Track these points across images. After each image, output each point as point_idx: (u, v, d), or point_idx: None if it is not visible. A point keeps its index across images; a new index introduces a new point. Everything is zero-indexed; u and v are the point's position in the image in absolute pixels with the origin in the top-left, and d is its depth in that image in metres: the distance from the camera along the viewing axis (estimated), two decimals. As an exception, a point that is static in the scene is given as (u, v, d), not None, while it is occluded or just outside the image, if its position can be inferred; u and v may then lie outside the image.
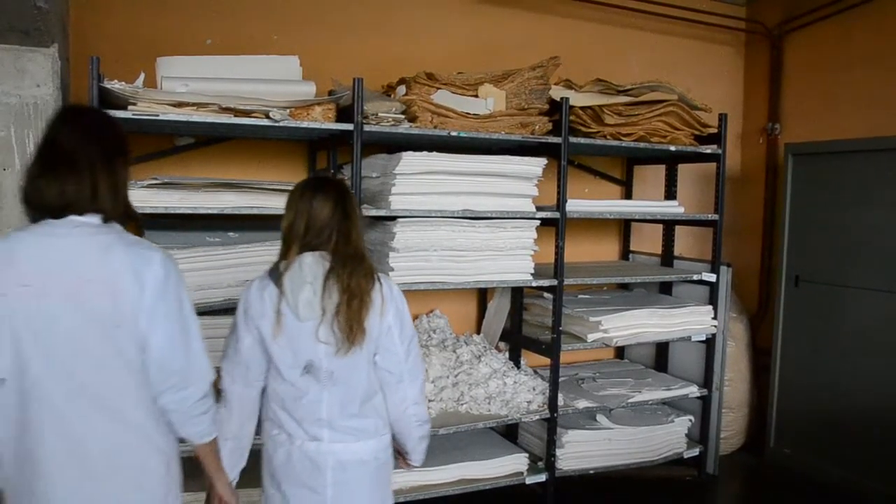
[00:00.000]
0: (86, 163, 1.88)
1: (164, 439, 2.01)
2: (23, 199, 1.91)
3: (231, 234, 3.63)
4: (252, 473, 2.52)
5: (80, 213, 1.90)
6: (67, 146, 1.88)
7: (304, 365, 2.29)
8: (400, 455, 2.62)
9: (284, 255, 2.31)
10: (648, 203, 4.82)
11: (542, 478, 4.27)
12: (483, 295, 4.92)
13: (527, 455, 4.27)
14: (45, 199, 1.88)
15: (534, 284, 4.17)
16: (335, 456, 2.32)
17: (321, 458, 2.31)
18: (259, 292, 2.30)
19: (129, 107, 3.18)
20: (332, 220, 2.28)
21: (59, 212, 1.88)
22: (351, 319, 2.24)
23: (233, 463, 2.40)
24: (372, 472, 2.39)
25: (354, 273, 2.26)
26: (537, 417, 4.25)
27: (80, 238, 1.88)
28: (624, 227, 5.43)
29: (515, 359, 4.57)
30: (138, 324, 1.88)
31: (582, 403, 4.36)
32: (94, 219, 1.91)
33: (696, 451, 4.80)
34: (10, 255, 1.88)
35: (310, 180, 2.43)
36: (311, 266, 2.26)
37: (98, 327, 1.86)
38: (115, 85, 3.12)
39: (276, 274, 2.29)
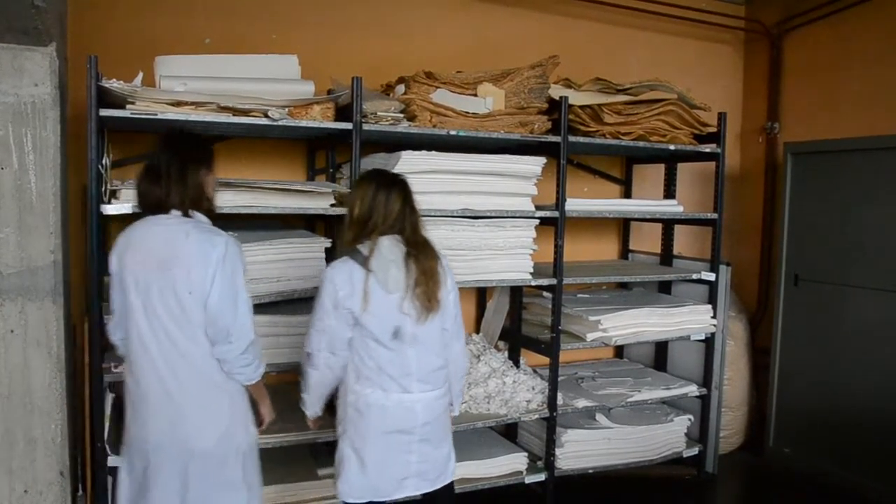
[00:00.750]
0: (165, 174, 2.56)
1: (223, 380, 2.61)
2: (137, 200, 2.66)
3: (231, 233, 3.62)
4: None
5: (168, 210, 2.59)
6: (155, 162, 2.61)
7: (392, 330, 2.74)
8: None
9: (360, 239, 2.76)
10: (648, 202, 4.81)
11: (542, 477, 4.27)
12: (482, 294, 4.91)
13: (526, 454, 4.27)
14: (144, 200, 2.62)
15: (533, 284, 4.16)
16: (423, 402, 2.81)
17: (412, 405, 2.79)
18: (347, 275, 2.73)
19: (128, 106, 3.18)
20: (402, 212, 2.77)
21: (154, 209, 2.60)
22: (429, 294, 2.74)
23: (318, 401, 2.97)
24: (444, 413, 2.94)
25: (428, 257, 2.78)
26: (536, 417, 4.25)
27: (169, 227, 2.57)
28: (623, 226, 5.42)
29: (515, 358, 4.56)
30: (204, 290, 2.49)
31: (581, 403, 4.36)
32: (177, 213, 2.59)
33: (695, 451, 4.80)
34: (128, 239, 2.62)
35: (380, 177, 2.85)
36: (390, 248, 2.73)
37: (178, 292, 2.50)
38: (113, 84, 3.11)
39: (360, 257, 2.73)
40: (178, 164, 2.59)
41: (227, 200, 3.36)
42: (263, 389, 2.83)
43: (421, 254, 2.76)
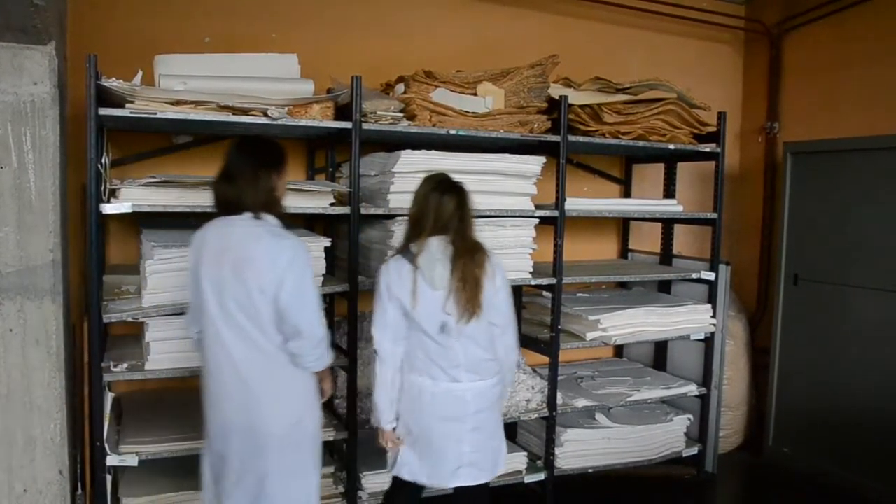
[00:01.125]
0: (239, 177, 2.69)
1: (294, 369, 2.74)
2: (212, 199, 2.78)
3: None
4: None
5: (240, 212, 2.70)
6: (228, 165, 2.73)
7: (439, 325, 2.88)
8: None
9: (413, 239, 2.92)
10: (647, 202, 4.81)
11: (541, 477, 4.27)
12: (481, 293, 4.90)
13: (525, 454, 4.27)
14: (218, 201, 2.74)
15: (532, 283, 4.16)
16: (472, 391, 2.94)
17: (462, 393, 2.93)
18: (397, 271, 2.90)
19: (127, 105, 3.18)
20: (455, 215, 2.89)
21: (227, 210, 2.72)
22: (469, 299, 2.85)
23: (389, 406, 3.01)
24: (495, 402, 3.07)
25: (474, 261, 2.88)
26: (536, 416, 4.24)
27: (242, 229, 2.69)
28: (623, 225, 5.42)
29: (514, 357, 4.55)
30: (274, 290, 2.61)
31: (581, 402, 4.36)
32: (248, 215, 2.70)
33: (694, 450, 4.80)
34: (203, 238, 2.74)
35: (437, 182, 2.96)
36: (438, 247, 2.87)
37: (249, 291, 2.62)
38: (112, 83, 3.11)
39: (409, 255, 2.89)
40: (251, 167, 2.70)
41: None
42: (328, 370, 3.00)
43: (468, 258, 2.88)
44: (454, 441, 2.97)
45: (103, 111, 3.14)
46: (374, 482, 3.82)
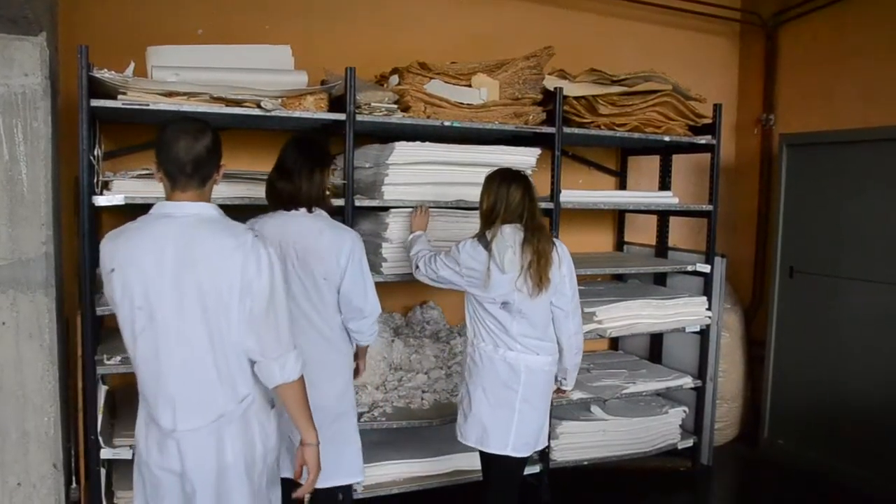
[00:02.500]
0: (296, 175, 2.91)
1: (346, 347, 3.09)
2: (267, 195, 3.01)
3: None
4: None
5: (295, 207, 2.93)
6: (287, 163, 2.94)
7: (501, 303, 3.13)
8: (556, 387, 3.43)
9: (487, 227, 3.15)
10: (643, 194, 4.80)
11: (537, 469, 4.27)
12: (477, 286, 4.90)
13: (521, 446, 4.26)
14: (277, 196, 2.95)
15: (528, 275, 4.15)
16: (525, 363, 3.17)
17: (516, 364, 3.17)
18: (472, 251, 3.15)
19: (119, 96, 3.17)
20: (522, 202, 3.13)
21: (285, 205, 2.95)
22: (540, 273, 3.09)
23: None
24: (546, 377, 3.26)
25: (541, 240, 3.12)
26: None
27: (303, 223, 2.92)
28: (618, 217, 5.42)
29: (509, 350, 4.55)
30: (338, 278, 2.94)
31: (576, 395, 4.35)
32: (304, 210, 2.94)
33: (690, 442, 4.81)
34: (261, 231, 2.68)
35: (504, 173, 3.20)
36: (510, 235, 3.10)
37: (315, 280, 2.91)
38: (104, 74, 3.09)
39: (484, 240, 3.14)
40: (308, 166, 2.94)
41: (220, 192, 3.35)
42: (364, 349, 3.35)
43: (536, 238, 3.12)
44: (507, 409, 3.19)
45: (95, 103, 3.12)
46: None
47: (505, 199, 3.14)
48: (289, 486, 2.82)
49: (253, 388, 2.30)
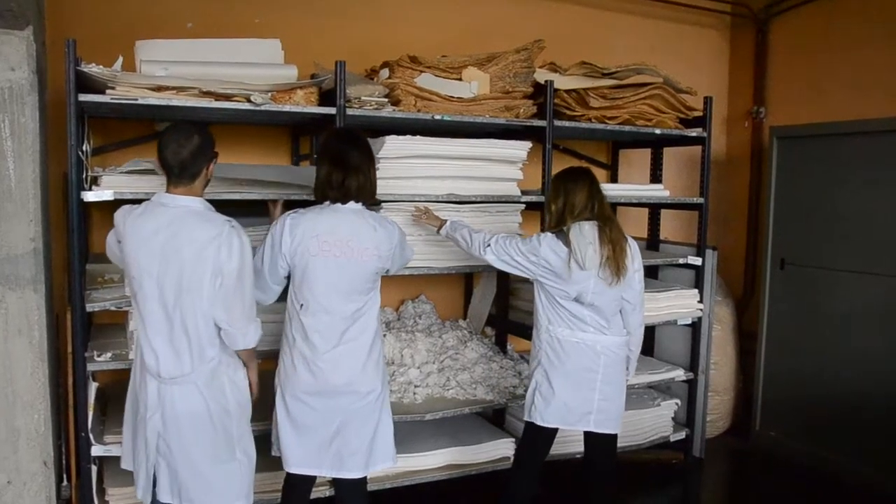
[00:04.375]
0: (357, 169, 2.94)
1: (378, 326, 3.11)
2: (325, 189, 2.97)
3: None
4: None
5: (348, 201, 2.97)
6: (347, 157, 2.94)
7: (574, 296, 3.33)
8: None
9: (562, 223, 3.32)
10: (634, 187, 4.80)
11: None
12: (469, 280, 4.90)
13: (513, 440, 4.26)
14: (332, 190, 2.95)
15: (519, 269, 4.15)
16: (602, 344, 3.40)
17: (595, 345, 3.39)
18: (554, 244, 3.30)
19: (108, 91, 3.14)
20: (591, 199, 3.33)
21: (339, 199, 2.96)
22: (618, 262, 3.29)
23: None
24: (621, 359, 3.50)
25: (613, 230, 3.31)
26: (523, 402, 4.24)
27: (358, 218, 2.98)
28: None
29: (502, 344, 4.56)
30: (386, 265, 3.08)
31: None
32: (358, 206, 2.99)
33: (682, 435, 4.82)
34: (314, 225, 2.92)
35: (569, 172, 3.43)
36: (590, 231, 3.28)
37: (367, 271, 2.98)
38: (92, 68, 3.07)
39: (564, 237, 3.29)
40: (367, 160, 3.00)
41: (209, 187, 3.33)
42: None
43: (610, 228, 3.31)
44: (587, 389, 3.40)
45: (83, 97, 3.10)
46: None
47: (576, 195, 3.32)
48: (308, 483, 3.13)
49: (220, 352, 2.75)
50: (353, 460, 3.01)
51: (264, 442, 3.10)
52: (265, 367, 4.30)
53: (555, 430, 3.52)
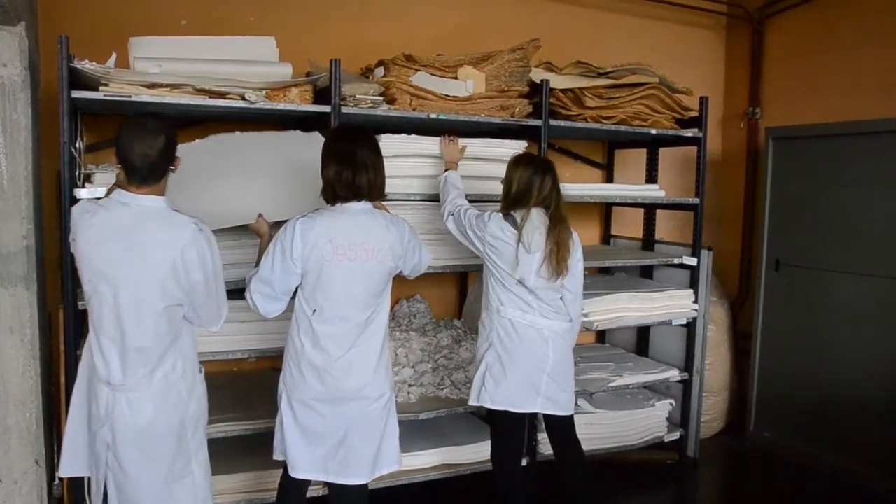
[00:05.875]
0: (369, 167, 2.86)
1: (387, 329, 3.04)
2: (333, 188, 2.86)
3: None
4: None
5: (360, 199, 2.88)
6: (358, 154, 2.85)
7: (517, 280, 3.37)
8: None
9: (513, 208, 3.37)
10: (629, 187, 4.79)
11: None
12: (464, 279, 4.90)
13: (508, 440, 4.25)
14: (343, 189, 2.85)
15: (514, 268, 4.14)
16: (549, 329, 3.44)
17: (542, 330, 3.43)
18: (501, 224, 3.35)
19: (101, 88, 3.13)
20: (552, 192, 3.36)
21: (350, 198, 2.86)
22: (559, 261, 3.33)
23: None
24: (568, 344, 3.55)
25: (562, 231, 3.35)
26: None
27: (366, 218, 2.89)
28: (605, 210, 5.41)
29: (496, 343, 4.54)
30: (401, 265, 3.04)
31: (563, 388, 4.35)
32: (368, 205, 2.91)
33: (677, 435, 4.82)
34: (327, 228, 2.83)
35: (536, 161, 3.46)
36: (538, 218, 3.33)
37: (382, 272, 2.93)
38: (85, 65, 3.06)
39: (512, 219, 3.35)
40: (378, 157, 2.92)
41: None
42: None
43: (560, 227, 3.34)
44: (537, 371, 3.43)
45: (76, 94, 3.09)
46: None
47: (538, 187, 3.33)
48: (306, 484, 3.10)
49: (176, 359, 2.63)
50: (359, 466, 2.95)
51: (261, 442, 3.08)
52: (260, 365, 4.32)
53: (518, 419, 3.55)
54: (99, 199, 2.65)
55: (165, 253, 2.50)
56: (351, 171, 2.83)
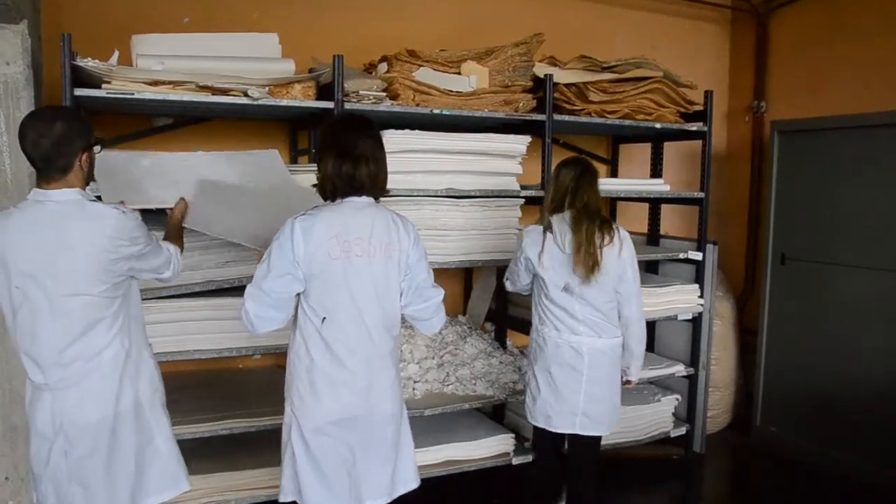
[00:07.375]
0: (372, 159, 2.63)
1: (394, 348, 2.84)
2: (322, 184, 2.67)
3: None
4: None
5: (361, 194, 2.64)
6: (360, 146, 2.61)
7: (563, 286, 3.31)
8: (623, 377, 3.57)
9: (553, 212, 3.34)
10: (634, 181, 4.78)
11: (529, 458, 4.25)
12: (469, 275, 4.89)
13: (513, 435, 4.25)
14: (344, 183, 2.62)
15: (519, 264, 4.14)
16: (588, 346, 3.35)
17: (580, 347, 3.35)
18: (534, 234, 3.37)
19: (104, 85, 3.12)
20: (588, 191, 3.29)
21: (352, 192, 2.63)
22: (589, 258, 3.22)
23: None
24: (611, 359, 3.43)
25: (593, 225, 3.24)
26: (523, 397, 4.22)
27: (373, 212, 2.67)
28: (609, 205, 5.39)
29: (501, 339, 4.54)
30: (410, 265, 2.75)
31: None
32: (370, 200, 2.68)
33: (682, 430, 4.81)
34: (331, 223, 2.58)
35: (576, 165, 3.38)
36: (572, 217, 3.28)
37: (388, 273, 2.69)
38: (88, 63, 3.05)
39: (549, 225, 3.32)
40: (380, 148, 2.70)
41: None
42: None
43: (589, 223, 3.25)
44: (572, 391, 3.37)
45: (79, 92, 3.08)
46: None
47: (569, 188, 3.31)
48: None
49: (122, 342, 2.50)
50: (377, 488, 2.73)
51: (267, 440, 3.04)
52: (265, 362, 4.33)
53: (557, 434, 3.52)
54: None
55: (94, 243, 2.35)
56: (351, 164, 2.59)
